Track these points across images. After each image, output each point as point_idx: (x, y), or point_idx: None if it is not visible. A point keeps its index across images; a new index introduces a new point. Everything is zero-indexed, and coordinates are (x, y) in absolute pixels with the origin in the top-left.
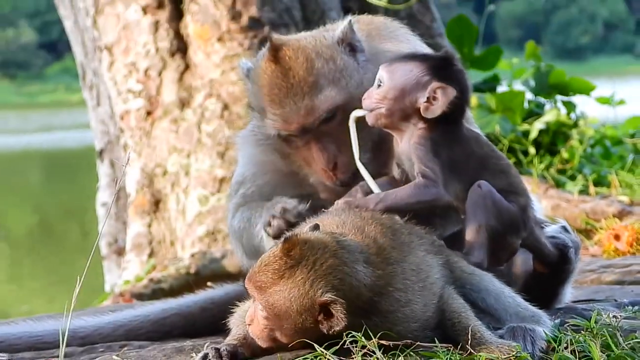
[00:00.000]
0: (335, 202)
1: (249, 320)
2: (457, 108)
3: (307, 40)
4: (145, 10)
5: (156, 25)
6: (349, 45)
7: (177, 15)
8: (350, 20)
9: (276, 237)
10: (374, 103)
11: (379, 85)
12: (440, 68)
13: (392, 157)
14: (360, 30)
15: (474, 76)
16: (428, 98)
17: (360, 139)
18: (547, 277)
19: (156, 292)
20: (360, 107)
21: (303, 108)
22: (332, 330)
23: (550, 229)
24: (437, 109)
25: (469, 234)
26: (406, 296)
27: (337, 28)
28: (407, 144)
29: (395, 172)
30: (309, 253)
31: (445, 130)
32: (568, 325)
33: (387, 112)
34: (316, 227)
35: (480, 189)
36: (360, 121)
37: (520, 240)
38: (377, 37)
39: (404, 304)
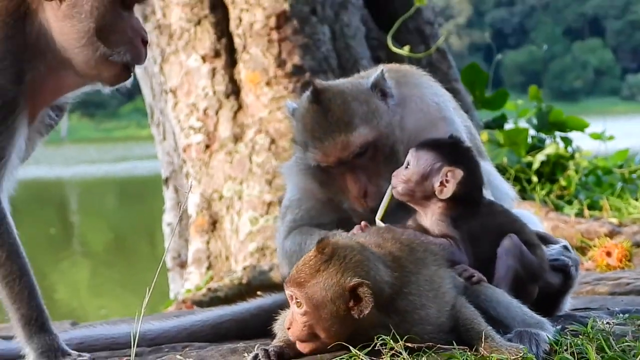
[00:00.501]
0: None
1: (287, 324)
2: (468, 185)
3: (345, 85)
4: (204, 58)
5: (213, 71)
6: (381, 90)
7: (232, 63)
8: (382, 70)
9: None
10: (400, 182)
11: (407, 167)
12: (450, 153)
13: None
14: (390, 77)
15: (484, 115)
16: (441, 181)
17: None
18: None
19: (213, 300)
20: (388, 144)
21: (340, 143)
22: (362, 314)
23: (554, 250)
24: (449, 190)
25: (499, 273)
26: (420, 300)
27: (371, 75)
28: (429, 219)
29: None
30: (340, 251)
31: (462, 208)
32: (568, 331)
33: (410, 192)
34: None
35: (512, 240)
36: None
37: (537, 287)
38: (404, 84)
39: (419, 307)
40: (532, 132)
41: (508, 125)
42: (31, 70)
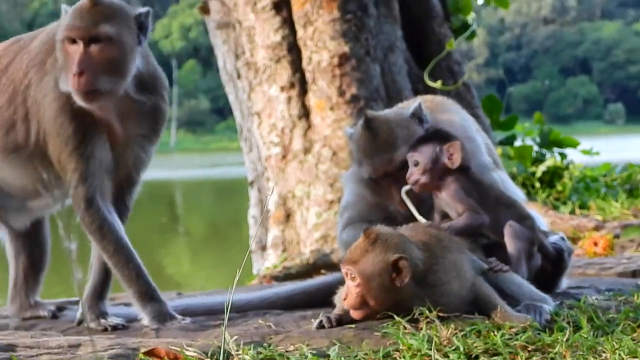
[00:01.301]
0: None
1: (343, 296)
2: (465, 149)
3: (390, 114)
4: (282, 89)
5: (289, 99)
6: (418, 118)
7: (303, 92)
8: (420, 102)
9: None
10: (417, 177)
11: (416, 165)
12: (439, 137)
13: (432, 209)
14: (426, 107)
15: (499, 135)
16: (448, 157)
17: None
18: (550, 271)
19: (286, 276)
20: None
21: (385, 160)
22: (403, 282)
23: (553, 238)
24: (458, 158)
25: (514, 256)
26: (446, 277)
27: (411, 106)
28: (446, 194)
29: (437, 218)
30: (382, 236)
31: (467, 177)
32: (565, 305)
33: (430, 179)
34: None
35: (512, 227)
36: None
37: (536, 248)
38: (437, 111)
39: (445, 282)
40: (535, 148)
41: (517, 143)
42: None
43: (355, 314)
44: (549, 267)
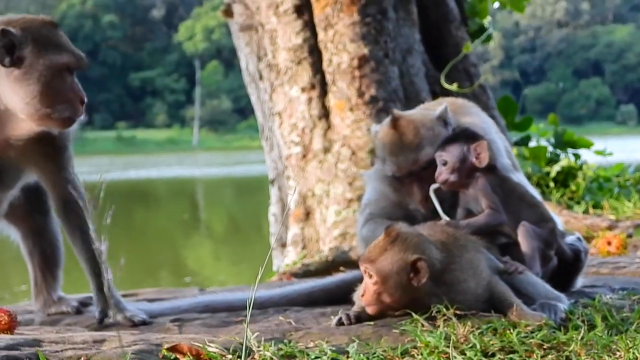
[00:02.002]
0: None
1: (362, 293)
2: (492, 149)
3: (416, 115)
4: (303, 90)
5: (310, 100)
6: (443, 120)
7: (323, 93)
8: (446, 105)
9: None
10: (446, 176)
11: (444, 164)
12: (466, 137)
13: (456, 205)
14: (449, 109)
15: (514, 136)
16: (476, 156)
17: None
18: (566, 271)
19: (306, 273)
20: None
21: (410, 159)
22: (420, 282)
23: (569, 239)
24: (485, 157)
25: (528, 255)
26: (462, 276)
27: (437, 108)
28: (474, 189)
29: (460, 214)
30: (402, 235)
31: (494, 174)
32: (579, 303)
33: (458, 178)
34: None
35: (525, 226)
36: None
37: (554, 251)
38: (459, 113)
39: (461, 281)
40: (550, 148)
41: (532, 143)
42: None
43: (371, 310)
44: (565, 267)
